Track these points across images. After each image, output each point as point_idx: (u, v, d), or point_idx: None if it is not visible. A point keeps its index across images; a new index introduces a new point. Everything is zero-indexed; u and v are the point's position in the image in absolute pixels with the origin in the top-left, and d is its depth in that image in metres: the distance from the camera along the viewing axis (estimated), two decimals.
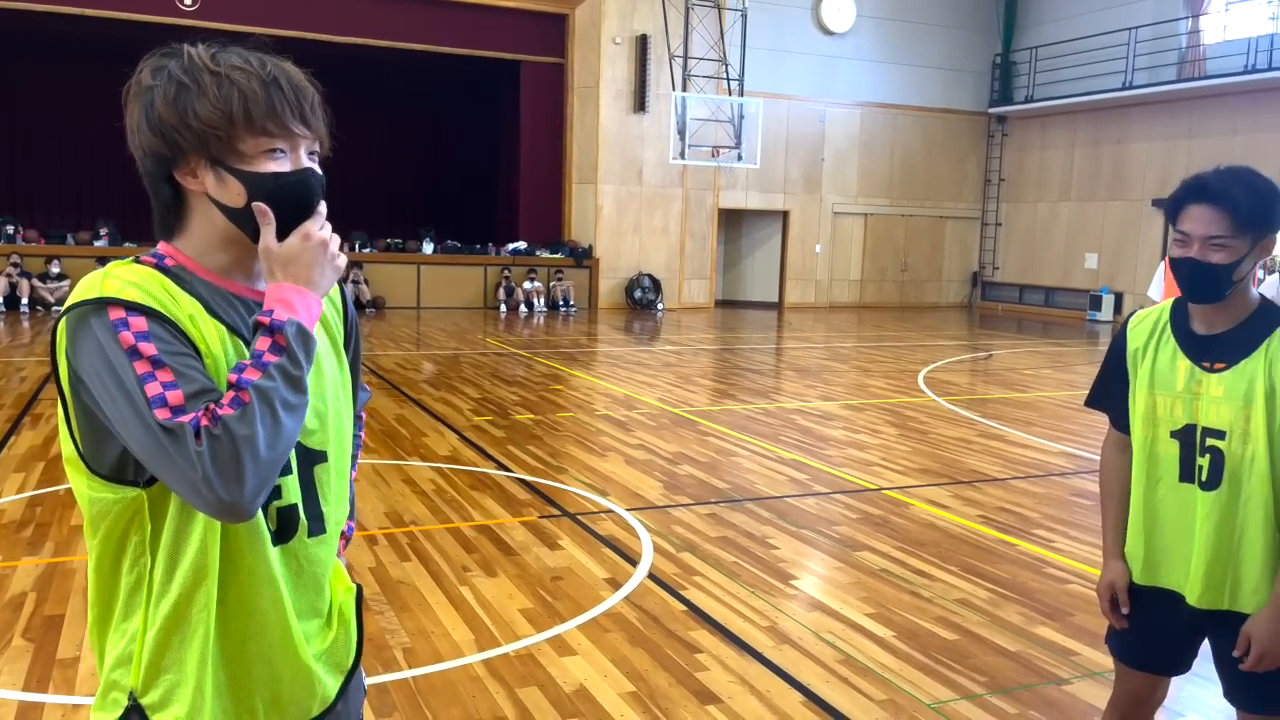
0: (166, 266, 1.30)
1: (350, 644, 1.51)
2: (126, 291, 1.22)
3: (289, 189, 1.29)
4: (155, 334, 1.20)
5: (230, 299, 1.33)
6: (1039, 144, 21.56)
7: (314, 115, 1.33)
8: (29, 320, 13.96)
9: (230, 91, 1.25)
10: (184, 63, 1.27)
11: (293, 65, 1.33)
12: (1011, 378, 11.31)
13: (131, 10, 16.00)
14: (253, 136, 1.27)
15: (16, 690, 3.16)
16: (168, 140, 1.27)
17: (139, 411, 1.17)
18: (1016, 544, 5.01)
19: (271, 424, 1.19)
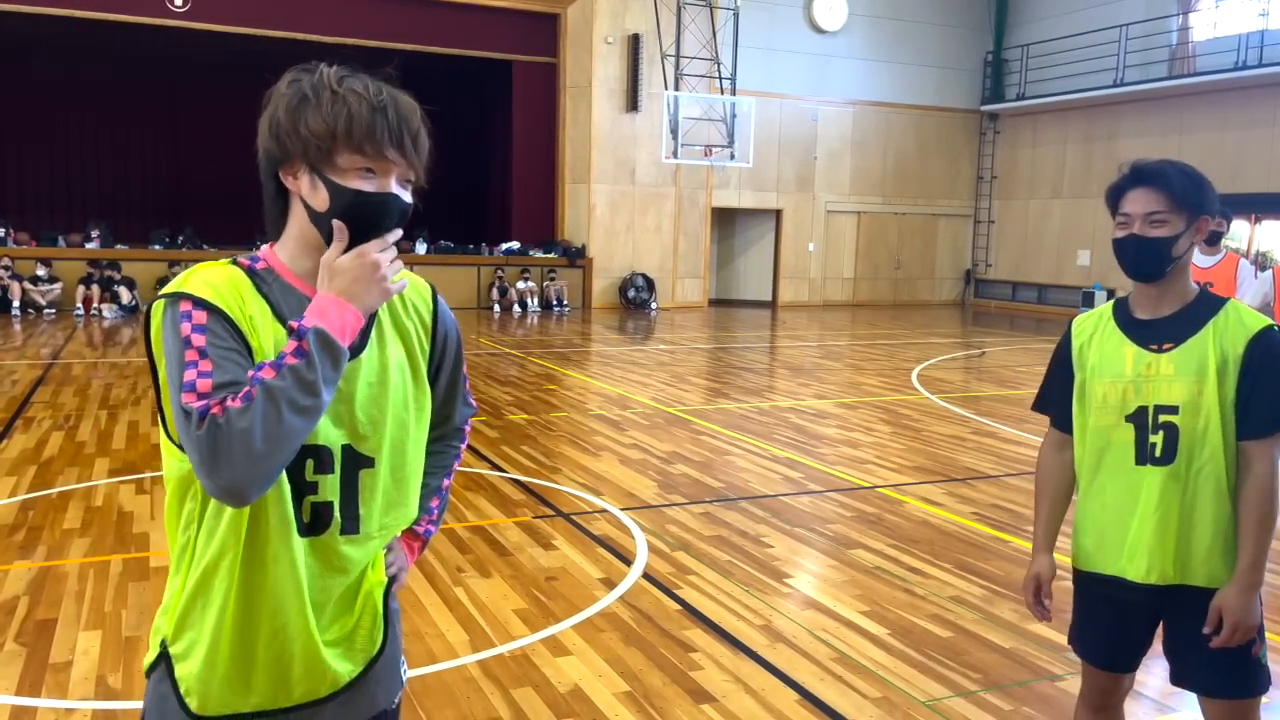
0: (255, 270, 1.45)
1: (376, 631, 1.56)
2: (200, 289, 1.37)
3: (367, 207, 1.41)
4: (210, 328, 1.33)
5: (302, 302, 1.43)
6: (1031, 141, 21.61)
7: (412, 146, 1.44)
8: (20, 323, 13.91)
9: (340, 109, 1.38)
10: (314, 79, 1.42)
11: (410, 99, 1.46)
12: (1004, 375, 11.33)
13: (122, 11, 15.95)
14: (349, 153, 1.39)
15: (9, 695, 3.15)
16: (280, 142, 1.41)
17: (175, 391, 1.31)
18: (1010, 541, 5.02)
19: (274, 421, 1.27)
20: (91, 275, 15.33)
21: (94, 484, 5.66)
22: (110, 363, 10.44)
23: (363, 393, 1.46)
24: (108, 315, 14.94)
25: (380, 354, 1.49)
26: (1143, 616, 2.24)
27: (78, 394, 8.46)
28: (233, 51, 18.96)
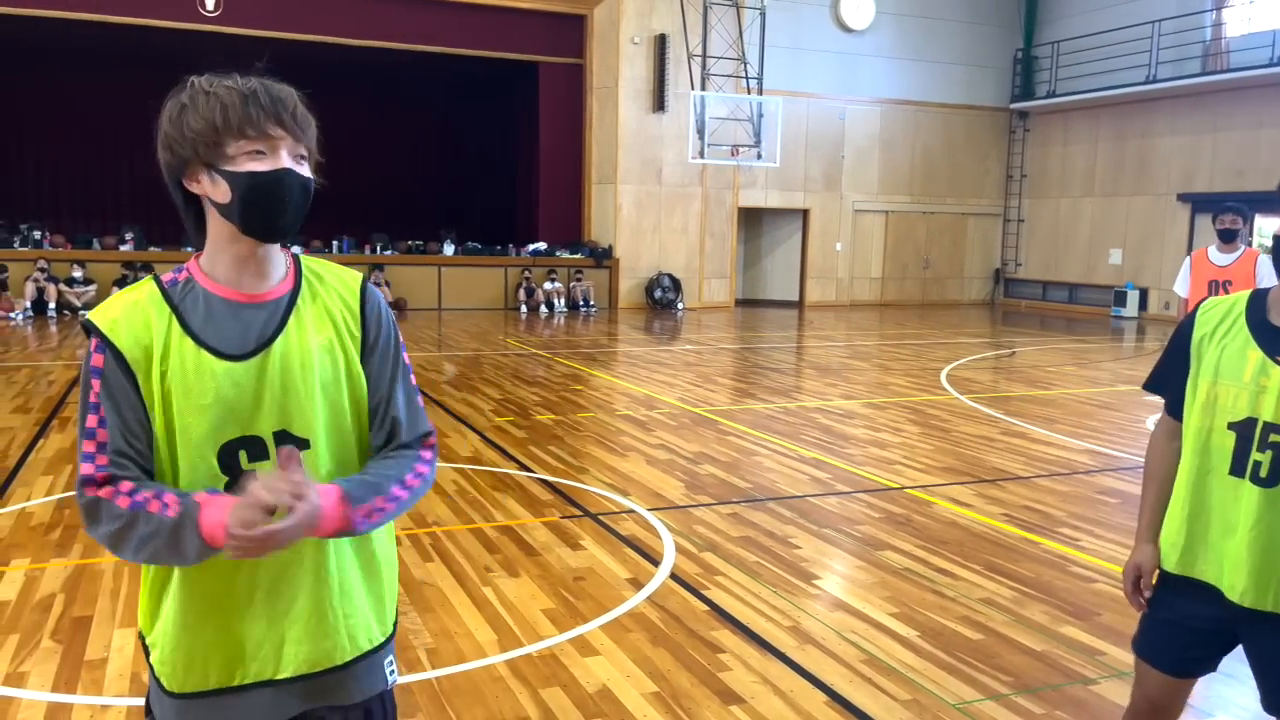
0: (173, 282, 1.54)
1: (341, 621, 1.60)
2: (104, 321, 1.50)
3: (265, 184, 1.47)
4: (105, 376, 1.47)
5: (210, 303, 1.52)
6: (1062, 139, 21.39)
7: (292, 120, 1.49)
8: (56, 325, 14.13)
9: (215, 104, 1.46)
10: (189, 90, 1.49)
11: (282, 84, 1.52)
12: (1035, 375, 11.23)
13: (156, 17, 16.16)
14: (234, 140, 1.46)
15: (45, 691, 3.20)
16: (174, 152, 1.49)
17: (79, 431, 1.49)
18: (1041, 542, 4.97)
19: (127, 541, 1.45)
20: (125, 277, 15.54)
21: None
22: None
23: (281, 377, 1.52)
24: None
25: (300, 339, 1.54)
26: (1222, 631, 2.12)
27: None
28: (261, 55, 19.15)
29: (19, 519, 5.00)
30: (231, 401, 1.49)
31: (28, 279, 14.98)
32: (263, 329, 1.53)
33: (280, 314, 1.54)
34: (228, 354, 1.50)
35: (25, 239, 15.94)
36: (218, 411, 1.49)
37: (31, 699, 3.15)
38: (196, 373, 1.48)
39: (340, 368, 1.57)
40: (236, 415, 1.50)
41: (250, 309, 1.53)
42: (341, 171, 19.57)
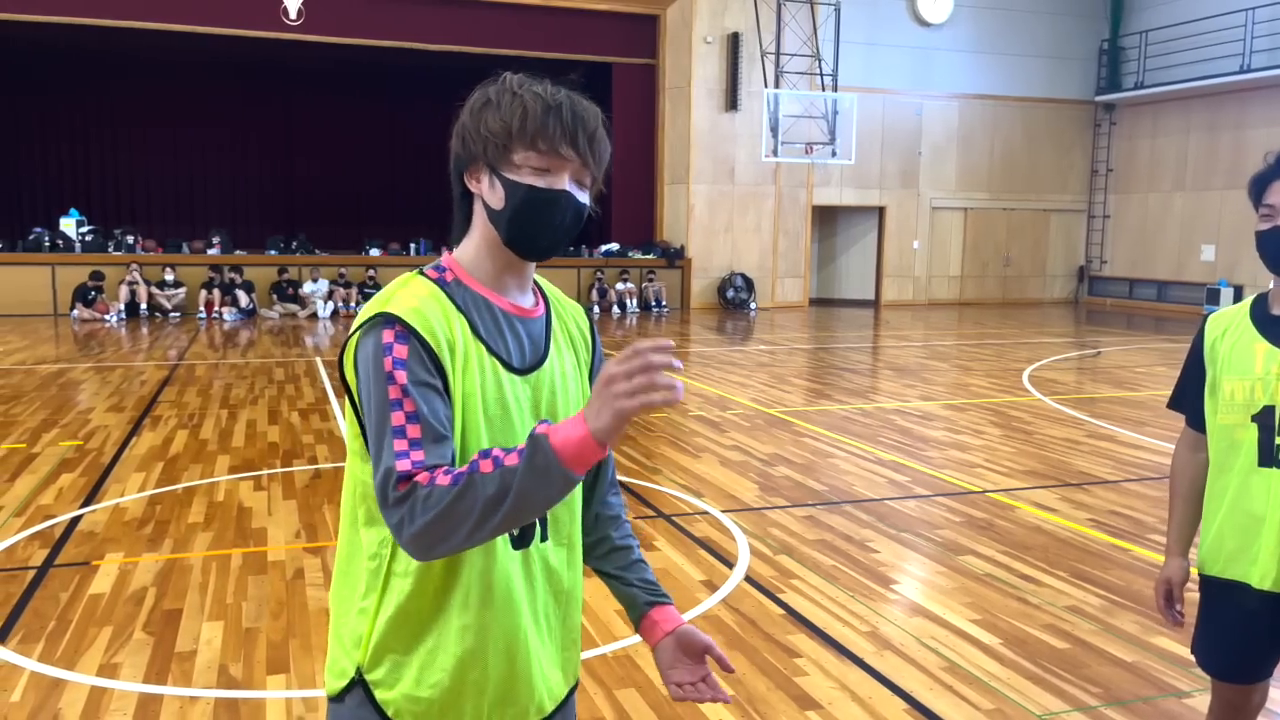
0: (445, 281, 1.45)
1: (577, 660, 1.58)
2: (402, 311, 1.38)
3: (539, 201, 1.41)
4: (410, 366, 1.34)
5: (493, 312, 1.45)
6: (1150, 132, 20.70)
7: (588, 144, 1.43)
8: (147, 326, 14.64)
9: (517, 108, 1.41)
10: (498, 85, 1.46)
11: (590, 103, 1.46)
12: (1122, 375, 10.88)
13: (241, 26, 16.64)
14: (523, 149, 1.40)
15: (137, 682, 3.31)
16: (464, 144, 1.46)
17: (381, 430, 1.32)
18: (1130, 549, 4.80)
19: (464, 516, 1.24)
20: (213, 280, 16.04)
21: (216, 480, 5.90)
22: (230, 364, 10.89)
23: (549, 396, 1.47)
24: (228, 318, 15.60)
25: (559, 359, 1.51)
26: (1265, 625, 2.14)
27: (200, 394, 8.85)
28: (342, 61, 19.60)
29: (113, 514, 5.18)
30: (511, 415, 1.42)
31: (121, 282, 15.55)
32: (535, 344, 1.48)
33: (544, 330, 1.51)
34: (513, 366, 1.44)
35: (119, 244, 16.55)
36: (499, 424, 1.41)
37: (124, 690, 3.25)
38: (486, 381, 1.40)
39: (584, 392, 1.55)
40: (510, 431, 1.41)
41: (521, 322, 1.48)
42: (419, 174, 20.05)
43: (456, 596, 1.39)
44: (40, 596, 4.02)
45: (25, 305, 15.55)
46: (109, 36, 16.95)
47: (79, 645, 3.57)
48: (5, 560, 4.46)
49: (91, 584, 4.17)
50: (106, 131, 20.48)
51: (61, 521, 5.04)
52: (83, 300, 15.20)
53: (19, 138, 20.04)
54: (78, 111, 20.30)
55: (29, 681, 3.29)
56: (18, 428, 7.25)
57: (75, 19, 15.90)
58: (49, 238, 16.28)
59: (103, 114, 20.36)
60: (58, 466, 6.13)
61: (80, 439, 6.92)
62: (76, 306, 15.18)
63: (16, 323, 14.55)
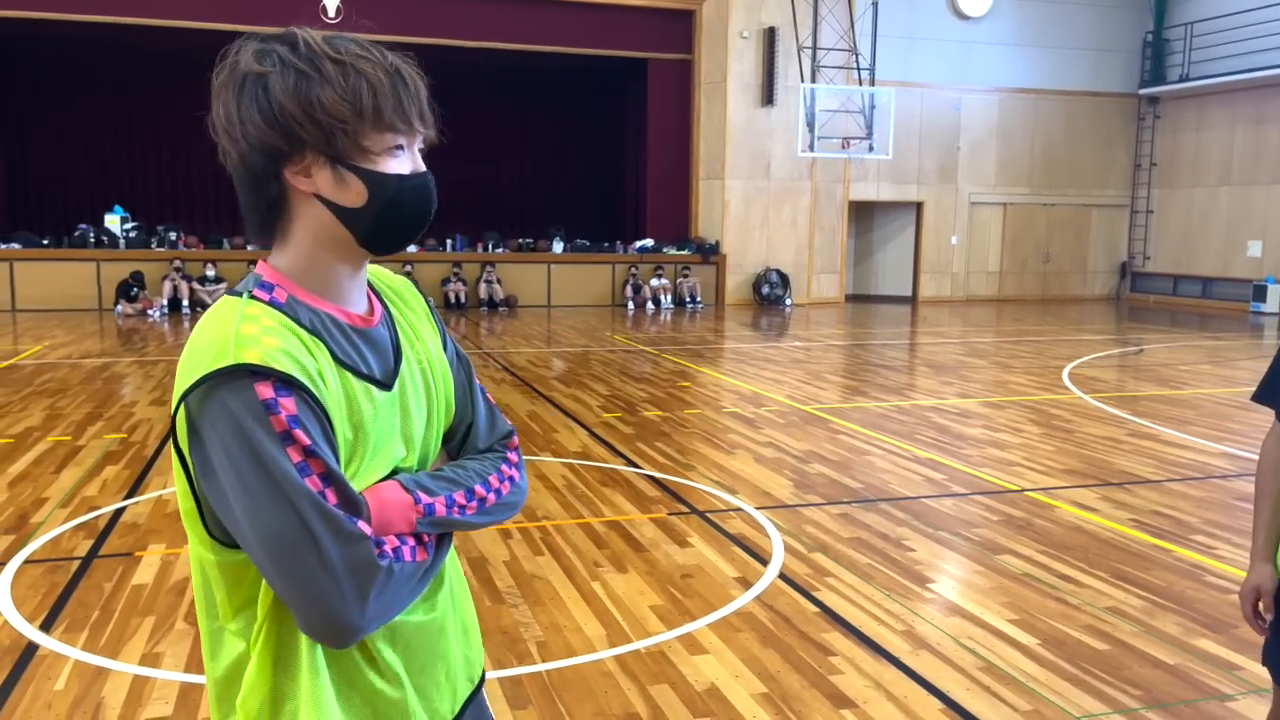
0: (279, 302, 1.19)
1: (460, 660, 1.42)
2: (276, 359, 1.11)
3: (412, 192, 1.23)
4: (304, 422, 1.11)
5: (341, 328, 1.23)
6: (1195, 125, 20.32)
7: (429, 110, 1.24)
8: (189, 321, 14.86)
9: (358, 81, 1.16)
10: (299, 49, 1.18)
11: (399, 54, 1.24)
12: (1165, 374, 10.70)
13: (280, 25, 16.78)
14: (379, 132, 1.18)
15: (179, 671, 3.36)
16: (285, 133, 1.15)
17: (302, 501, 1.09)
18: (1173, 550, 4.72)
19: (410, 590, 1.20)
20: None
21: None
22: None
23: (413, 405, 1.30)
24: None
25: (413, 360, 1.33)
26: None
27: None
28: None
29: (155, 506, 5.27)
30: (387, 437, 1.25)
31: (164, 278, 15.80)
32: (383, 352, 1.28)
33: (391, 332, 1.31)
34: (380, 382, 1.25)
35: (162, 240, 16.83)
36: (381, 450, 1.24)
37: (165, 678, 3.30)
38: (362, 410, 1.21)
39: (444, 376, 1.37)
40: (393, 452, 1.26)
41: (372, 331, 1.27)
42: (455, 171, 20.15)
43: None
44: (85, 586, 4.10)
45: (71, 300, 15.86)
46: (152, 36, 17.22)
47: (122, 634, 3.63)
48: (51, 551, 4.55)
49: (135, 574, 4.24)
50: (150, 130, 20.81)
51: (106, 513, 5.13)
52: (126, 296, 15.47)
53: (65, 137, 20.42)
54: (121, 110, 20.65)
55: (73, 670, 3.35)
56: (64, 421, 7.39)
57: (120, 18, 16.17)
58: (94, 234, 16.59)
59: (146, 112, 20.68)
60: (102, 459, 6.24)
61: (124, 432, 7.04)
62: (121, 302, 15.45)
63: (63, 317, 14.84)
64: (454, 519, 1.26)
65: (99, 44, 18.59)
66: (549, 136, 23.00)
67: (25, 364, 10.17)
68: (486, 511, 1.31)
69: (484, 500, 1.31)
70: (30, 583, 4.13)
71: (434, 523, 1.23)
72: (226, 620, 1.22)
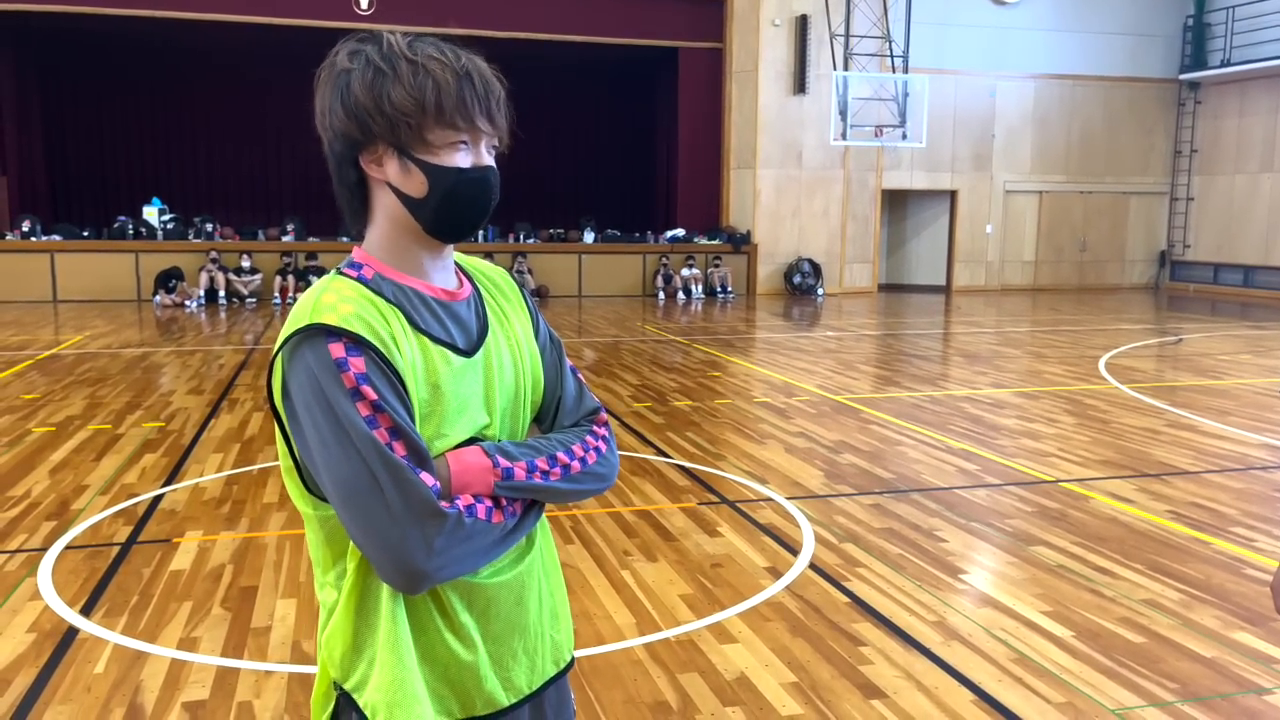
0: (366, 279, 1.32)
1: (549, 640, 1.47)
2: (350, 322, 1.23)
3: (469, 185, 1.31)
4: (373, 378, 1.22)
5: (424, 300, 1.34)
6: (1237, 111, 19.93)
7: (499, 112, 1.33)
8: (225, 311, 15.05)
9: (425, 80, 1.26)
10: (382, 49, 1.30)
11: (483, 61, 1.34)
12: (1205, 364, 10.52)
13: (314, 17, 16.95)
14: (441, 127, 1.28)
15: (215, 656, 3.41)
16: (360, 123, 1.28)
17: (370, 450, 1.19)
18: (1211, 542, 4.65)
19: (486, 548, 1.28)
20: (288, 266, 16.41)
21: None
22: None
23: (500, 374, 1.39)
24: None
25: (499, 335, 1.42)
26: None
27: None
28: None
29: (192, 494, 5.35)
30: (468, 401, 1.33)
31: (201, 269, 16.00)
32: (467, 326, 1.37)
33: (476, 310, 1.40)
34: (460, 349, 1.34)
35: (199, 232, 17.03)
36: (459, 414, 1.32)
37: (202, 663, 3.36)
38: (439, 372, 1.31)
39: (531, 358, 1.45)
40: (461, 415, 1.33)
41: (451, 305, 1.37)
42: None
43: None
44: (124, 572, 4.17)
45: (110, 291, 16.11)
46: (189, 30, 17.39)
47: (160, 619, 3.70)
48: (91, 537, 4.63)
49: (172, 560, 4.31)
50: (186, 123, 21.05)
51: (144, 500, 5.21)
52: (164, 287, 15.69)
53: (105, 130, 20.71)
54: (160, 104, 20.90)
55: (112, 654, 3.42)
56: (103, 409, 7.52)
57: (158, 13, 16.36)
58: (132, 226, 16.82)
59: (183, 106, 20.92)
60: (141, 447, 6.34)
61: (162, 420, 7.15)
62: (159, 293, 15.67)
63: (103, 308, 15.07)
64: (535, 484, 1.33)
65: (138, 39, 18.81)
66: (580, 126, 23.00)
67: (66, 354, 10.35)
68: (573, 479, 1.38)
69: (568, 467, 1.37)
70: (71, 568, 4.21)
71: (513, 487, 1.31)
72: (325, 572, 1.35)
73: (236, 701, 3.09)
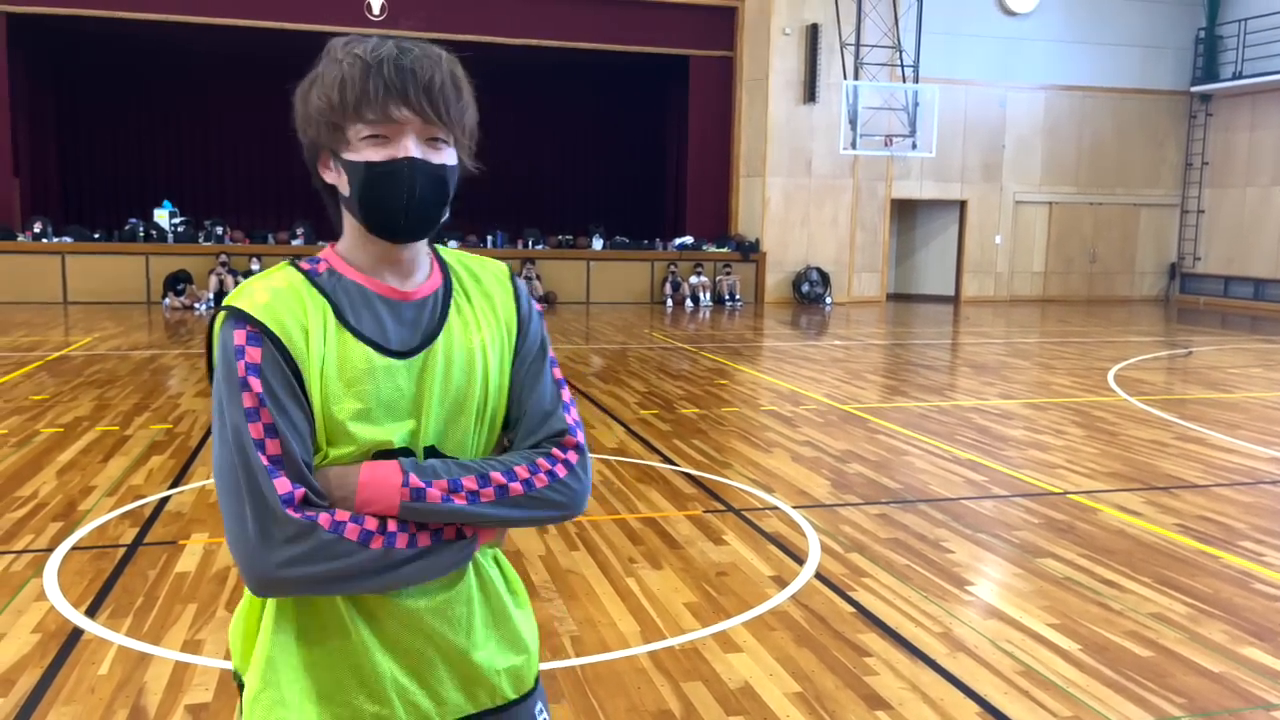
0: (313, 272, 1.32)
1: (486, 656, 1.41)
2: (258, 309, 1.25)
3: (379, 180, 1.26)
4: (265, 371, 1.22)
5: (365, 295, 1.32)
6: (1249, 124, 19.88)
7: (420, 98, 1.24)
8: None
9: (336, 78, 1.25)
10: (324, 57, 1.29)
11: (429, 49, 1.28)
12: (1214, 376, 10.48)
13: (327, 23, 17.02)
14: (354, 122, 1.25)
15: (219, 658, 3.41)
16: (304, 132, 1.32)
17: (238, 442, 1.21)
18: (1219, 556, 4.62)
19: (343, 570, 1.23)
20: None
21: None
22: None
23: (441, 378, 1.32)
24: None
25: (464, 336, 1.35)
26: None
27: None
28: None
29: (199, 495, 5.36)
30: (390, 403, 1.28)
31: (211, 272, 16.05)
32: (425, 325, 1.33)
33: (439, 309, 1.35)
34: (387, 349, 1.29)
35: (209, 235, 17.10)
36: (376, 414, 1.28)
37: (206, 665, 3.36)
38: (357, 368, 1.27)
39: (489, 366, 1.37)
40: (393, 418, 1.29)
41: (399, 305, 1.33)
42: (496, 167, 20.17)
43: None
44: (129, 573, 4.18)
45: (120, 293, 16.17)
46: (201, 34, 17.51)
47: (165, 621, 3.70)
48: (98, 538, 4.64)
49: (178, 562, 4.32)
50: (198, 126, 21.15)
51: (151, 501, 5.22)
52: (173, 289, 15.75)
53: (117, 133, 20.82)
54: (172, 107, 21.01)
55: (116, 655, 3.42)
56: (111, 411, 7.54)
57: (171, 17, 16.46)
58: (143, 228, 16.90)
59: (194, 109, 21.03)
60: (148, 449, 6.36)
61: (169, 423, 7.17)
62: (168, 295, 15.73)
63: (112, 310, 15.13)
64: (454, 506, 1.26)
65: (151, 42, 18.93)
66: (589, 133, 23.04)
67: (76, 355, 10.39)
68: (511, 503, 1.29)
69: (504, 488, 1.29)
70: (77, 569, 4.21)
71: (422, 510, 1.25)
72: None
73: (239, 704, 3.09)
